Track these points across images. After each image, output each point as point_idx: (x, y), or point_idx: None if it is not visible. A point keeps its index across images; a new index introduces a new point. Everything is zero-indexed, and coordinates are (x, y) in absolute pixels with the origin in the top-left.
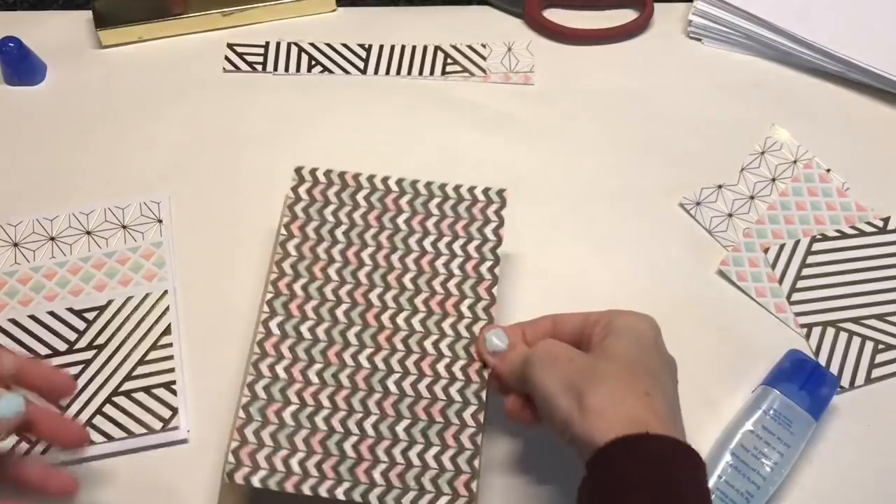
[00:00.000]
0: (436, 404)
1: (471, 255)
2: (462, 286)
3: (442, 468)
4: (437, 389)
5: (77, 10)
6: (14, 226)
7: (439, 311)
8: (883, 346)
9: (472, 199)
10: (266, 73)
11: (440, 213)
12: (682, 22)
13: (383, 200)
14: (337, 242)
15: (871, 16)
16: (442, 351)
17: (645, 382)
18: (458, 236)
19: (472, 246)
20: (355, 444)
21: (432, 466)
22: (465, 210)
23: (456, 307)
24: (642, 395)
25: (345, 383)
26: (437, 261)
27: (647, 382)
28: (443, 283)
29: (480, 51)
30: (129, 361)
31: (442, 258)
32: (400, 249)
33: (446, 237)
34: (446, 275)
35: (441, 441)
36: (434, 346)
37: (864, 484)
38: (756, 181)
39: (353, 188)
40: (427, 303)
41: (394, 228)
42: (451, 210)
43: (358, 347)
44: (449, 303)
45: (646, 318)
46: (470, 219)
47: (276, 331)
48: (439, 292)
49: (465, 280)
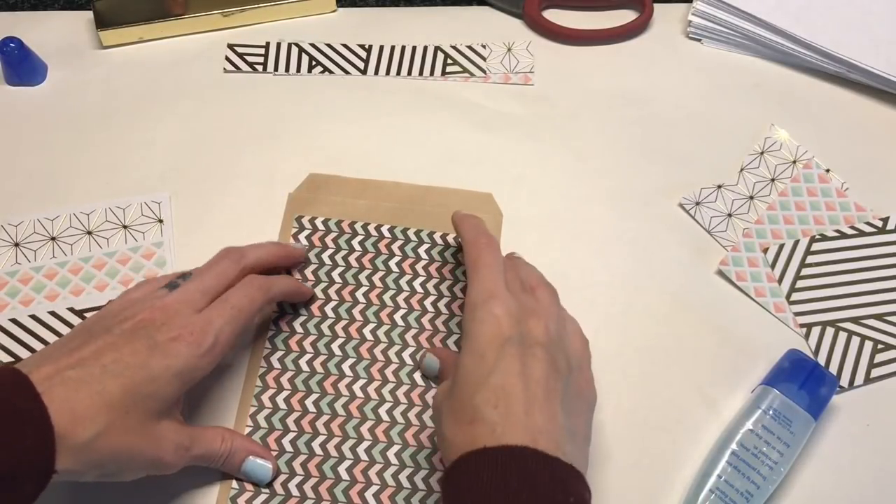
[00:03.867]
0: (424, 431)
1: (456, 296)
2: (448, 323)
3: (430, 489)
4: (426, 418)
5: (78, 10)
6: (15, 226)
7: (427, 345)
8: (882, 346)
9: (458, 246)
10: (266, 73)
11: (428, 258)
12: (681, 22)
13: (377, 245)
14: (333, 283)
15: (871, 16)
16: (430, 382)
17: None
18: (444, 279)
19: (458, 288)
20: (349, 467)
21: (421, 488)
22: (451, 255)
23: (443, 342)
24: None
25: (340, 412)
26: (425, 300)
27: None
28: (430, 321)
29: (480, 51)
30: None
31: (430, 298)
32: (392, 290)
33: (434, 279)
34: (434, 313)
35: (430, 465)
36: (423, 378)
37: (864, 483)
38: (755, 181)
39: (349, 234)
40: (416, 338)
41: (386, 270)
42: (438, 255)
43: (352, 378)
44: (436, 338)
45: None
46: (455, 263)
47: (277, 364)
48: (427, 328)
49: (450, 318)
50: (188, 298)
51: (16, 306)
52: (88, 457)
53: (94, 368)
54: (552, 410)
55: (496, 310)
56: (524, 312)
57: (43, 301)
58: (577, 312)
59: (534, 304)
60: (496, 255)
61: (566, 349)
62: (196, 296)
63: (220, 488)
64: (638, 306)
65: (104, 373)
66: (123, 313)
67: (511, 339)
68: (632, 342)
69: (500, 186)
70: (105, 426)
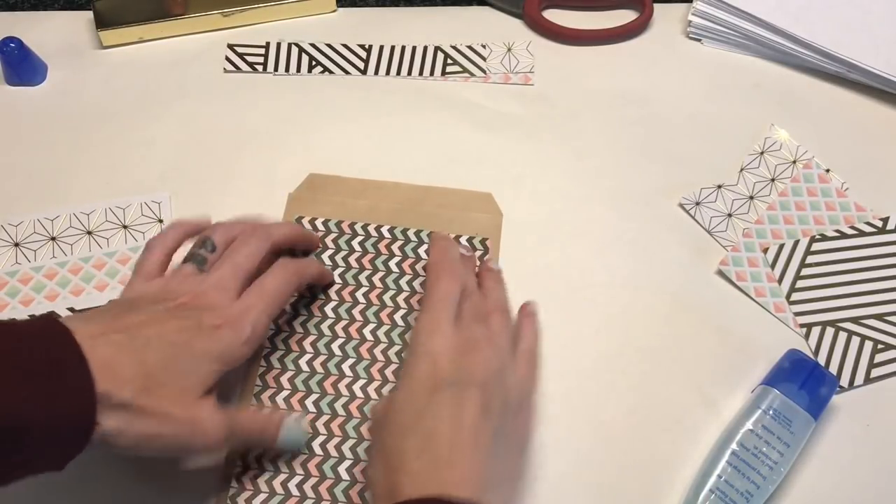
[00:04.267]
0: None
1: None
2: None
3: None
4: None
5: (78, 10)
6: (15, 226)
7: None
8: (882, 346)
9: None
10: (266, 73)
11: (428, 258)
12: (681, 22)
13: (376, 246)
14: (333, 283)
15: (871, 16)
16: None
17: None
18: None
19: None
20: (349, 467)
21: None
22: None
23: None
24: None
25: (340, 412)
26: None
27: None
28: None
29: (480, 51)
30: None
31: None
32: (392, 290)
33: None
34: None
35: None
36: None
37: (864, 483)
38: (755, 181)
39: (349, 235)
40: None
41: (386, 271)
42: None
43: (352, 378)
44: None
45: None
46: None
47: (277, 364)
48: None
49: None
50: (225, 285)
51: (16, 306)
52: (127, 418)
53: (138, 338)
54: (478, 457)
55: (436, 346)
56: (466, 348)
57: (43, 301)
58: (577, 312)
59: (481, 335)
60: (452, 283)
61: (506, 386)
62: (232, 282)
63: (220, 488)
64: (638, 306)
65: (147, 344)
66: (163, 295)
67: (445, 380)
68: (632, 342)
69: (500, 186)
70: (144, 390)
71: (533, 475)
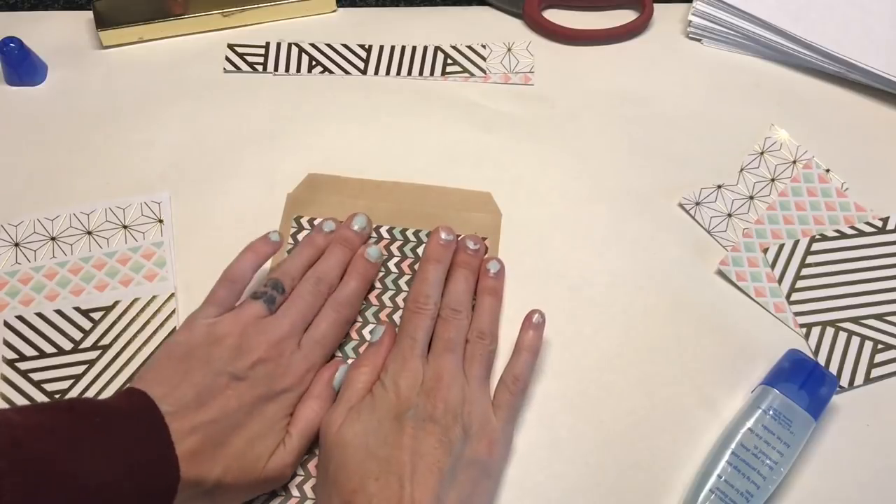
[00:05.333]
0: None
1: None
2: None
3: None
4: None
5: (78, 10)
6: (15, 226)
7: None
8: (882, 346)
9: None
10: (266, 73)
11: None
12: (681, 22)
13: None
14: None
15: (871, 16)
16: None
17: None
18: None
19: None
20: None
21: None
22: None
23: None
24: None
25: None
26: None
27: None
28: None
29: (480, 51)
30: (133, 363)
31: None
32: (391, 290)
33: None
34: None
35: None
36: None
37: (864, 483)
38: (755, 181)
39: None
40: None
41: (385, 271)
42: None
43: None
44: None
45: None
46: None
47: None
48: None
49: None
50: (288, 336)
51: (16, 306)
52: (204, 497)
53: (223, 425)
54: (430, 485)
55: (401, 380)
56: (431, 383)
57: (43, 301)
58: (578, 312)
59: (451, 367)
60: (423, 319)
61: (468, 414)
62: (292, 334)
63: None
64: (638, 306)
65: (229, 426)
66: (239, 346)
67: (408, 411)
68: (632, 342)
69: (499, 186)
70: (223, 472)
71: (533, 475)
